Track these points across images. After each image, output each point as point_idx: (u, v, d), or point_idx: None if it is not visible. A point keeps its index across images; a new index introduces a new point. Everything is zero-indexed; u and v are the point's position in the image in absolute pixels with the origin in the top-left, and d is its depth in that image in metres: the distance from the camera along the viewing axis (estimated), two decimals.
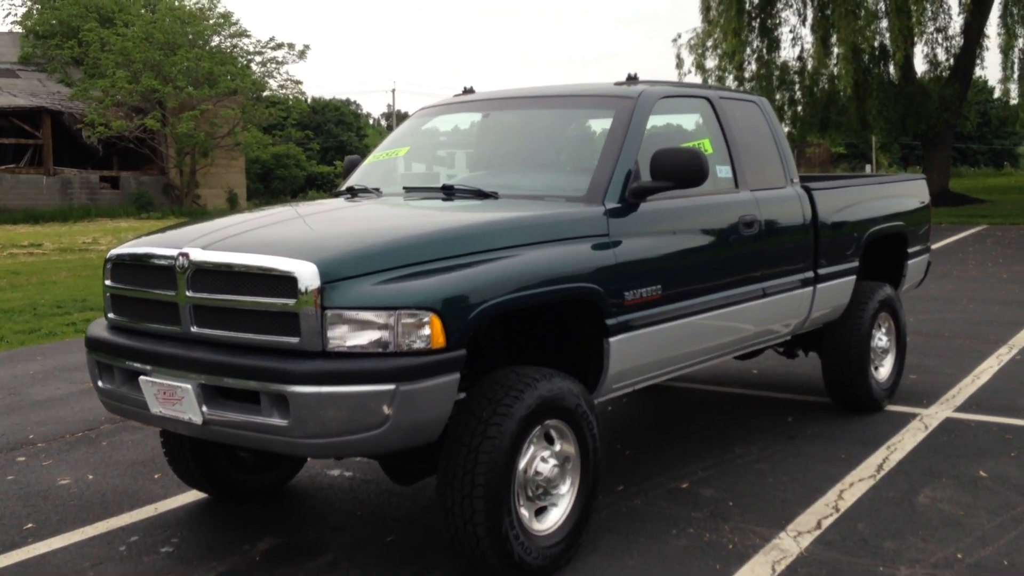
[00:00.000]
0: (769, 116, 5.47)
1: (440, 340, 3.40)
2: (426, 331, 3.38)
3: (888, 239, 6.26)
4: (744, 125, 5.19)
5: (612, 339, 4.07)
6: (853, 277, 5.83)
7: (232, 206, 37.22)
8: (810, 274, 5.42)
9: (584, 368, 4.18)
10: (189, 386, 3.59)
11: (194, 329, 3.70)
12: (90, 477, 5.27)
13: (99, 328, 4.21)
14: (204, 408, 3.60)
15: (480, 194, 4.41)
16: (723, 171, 4.89)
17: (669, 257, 4.40)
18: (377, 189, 4.87)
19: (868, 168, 50.00)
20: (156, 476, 5.25)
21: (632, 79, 4.95)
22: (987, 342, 8.24)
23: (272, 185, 47.45)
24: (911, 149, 55.94)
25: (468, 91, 5.56)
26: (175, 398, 3.67)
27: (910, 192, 6.60)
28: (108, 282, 4.13)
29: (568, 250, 3.95)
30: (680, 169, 4.19)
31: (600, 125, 4.67)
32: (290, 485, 5.05)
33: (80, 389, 7.37)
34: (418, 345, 3.39)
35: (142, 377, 3.78)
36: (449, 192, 4.49)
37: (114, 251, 4.14)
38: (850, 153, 57.56)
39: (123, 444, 5.90)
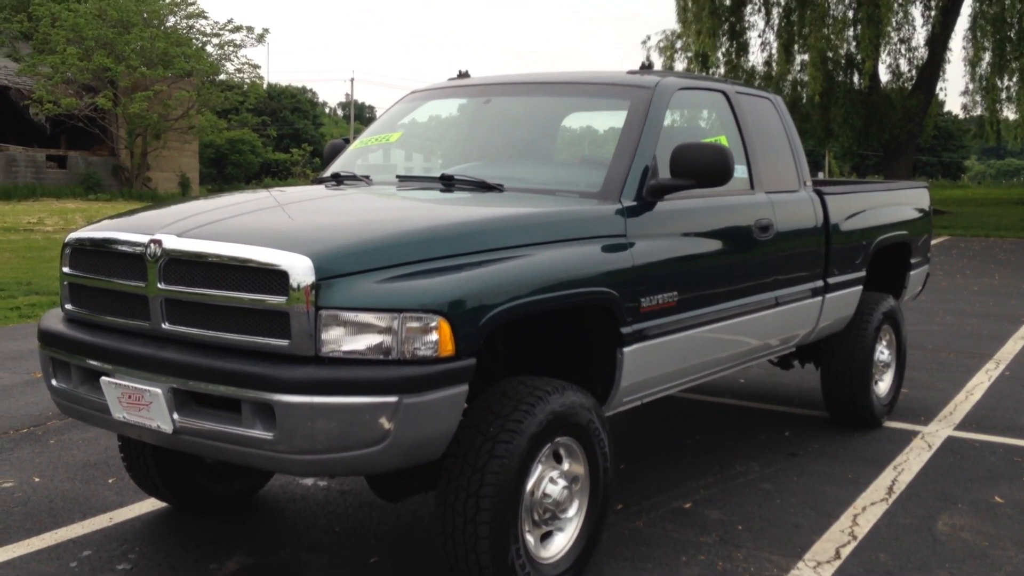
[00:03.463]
0: (783, 114, 5.18)
1: (448, 347, 3.03)
2: (433, 337, 3.01)
3: (892, 248, 6.02)
4: (759, 122, 4.89)
5: (626, 349, 3.73)
6: (860, 287, 5.58)
7: (184, 191, 36.32)
8: (820, 283, 5.14)
9: (592, 380, 3.84)
10: (159, 390, 3.18)
11: (166, 326, 3.28)
12: (36, 480, 4.80)
13: (54, 320, 3.75)
14: (175, 415, 3.19)
15: (484, 186, 4.03)
16: (739, 170, 4.57)
17: (686, 261, 4.08)
18: (367, 177, 4.46)
19: (820, 175, 50.58)
20: (111, 481, 4.80)
21: (646, 67, 4.62)
22: (973, 356, 8.08)
23: (226, 171, 46.47)
24: (863, 159, 56.72)
25: (463, 75, 5.18)
26: (142, 403, 3.25)
27: (913, 200, 6.37)
28: (66, 269, 3.68)
29: (585, 251, 3.60)
30: (704, 166, 3.86)
31: (614, 116, 4.32)
32: (259, 495, 4.63)
33: (25, 380, 6.84)
34: (424, 352, 3.01)
35: (104, 378, 3.35)
36: (448, 183, 4.11)
37: (74, 235, 3.69)
38: (807, 160, 58.09)
39: (73, 443, 5.42)
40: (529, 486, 3.34)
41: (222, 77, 38.75)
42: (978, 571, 3.83)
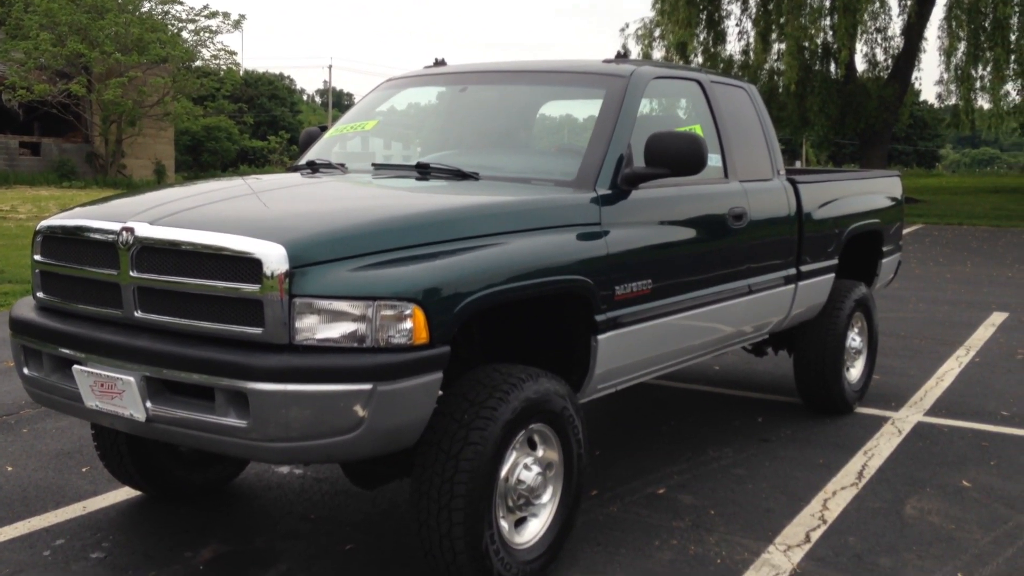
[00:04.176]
0: (757, 104, 5.21)
1: (423, 335, 3.05)
2: (407, 324, 3.02)
3: (864, 236, 6.08)
4: (733, 112, 4.92)
5: (600, 336, 3.76)
6: (832, 275, 5.64)
7: (160, 178, 35.98)
8: (792, 271, 5.19)
9: (567, 367, 3.87)
10: (131, 378, 3.17)
11: (138, 314, 3.27)
12: (9, 469, 4.78)
13: (25, 308, 3.73)
14: (148, 404, 3.18)
15: (459, 174, 4.04)
16: (713, 159, 4.60)
17: (660, 249, 4.11)
18: (342, 165, 4.46)
19: (797, 164, 50.85)
20: (84, 470, 4.78)
21: (621, 56, 4.63)
22: (944, 343, 8.19)
23: (202, 158, 46.02)
24: (839, 147, 57.08)
25: (439, 63, 5.17)
26: (114, 391, 3.24)
27: (885, 189, 6.44)
28: (38, 257, 3.66)
29: (559, 239, 3.62)
30: (678, 155, 3.89)
31: (590, 104, 4.33)
32: (234, 483, 4.63)
33: None
34: (398, 340, 3.02)
35: (76, 366, 3.34)
36: (424, 171, 4.11)
37: (46, 222, 3.66)
38: (784, 149, 58.36)
39: (47, 432, 5.39)
40: (503, 472, 3.37)
41: (198, 63, 38.30)
42: (945, 554, 3.90)
